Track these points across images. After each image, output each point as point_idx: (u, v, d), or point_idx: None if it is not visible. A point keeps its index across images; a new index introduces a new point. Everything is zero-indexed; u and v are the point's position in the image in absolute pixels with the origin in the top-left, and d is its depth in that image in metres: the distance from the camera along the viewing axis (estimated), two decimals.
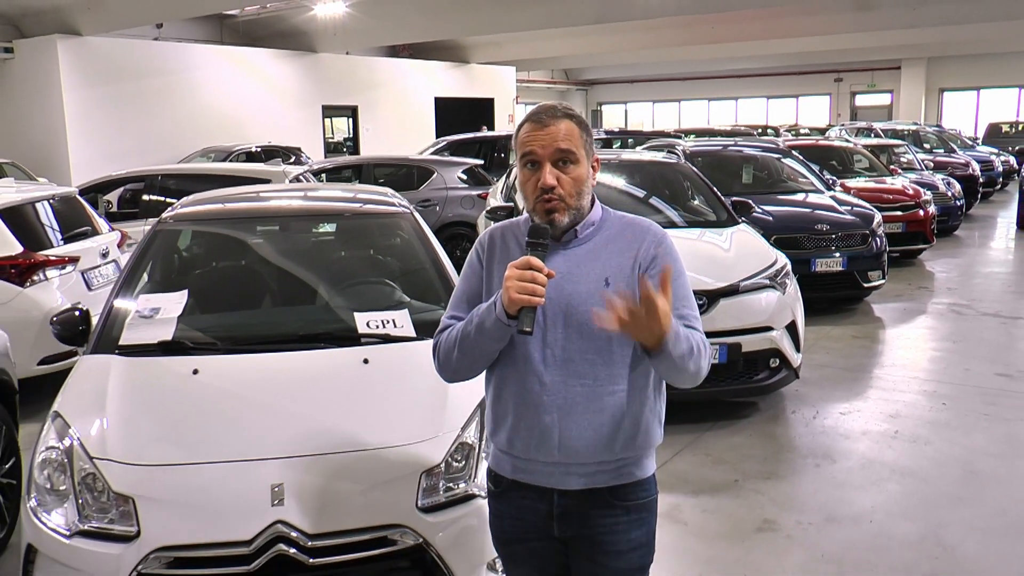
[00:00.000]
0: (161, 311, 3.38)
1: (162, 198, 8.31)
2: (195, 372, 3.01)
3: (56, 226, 6.33)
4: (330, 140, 21.74)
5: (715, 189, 6.70)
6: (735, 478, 4.46)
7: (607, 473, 1.98)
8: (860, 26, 20.93)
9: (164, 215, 4.01)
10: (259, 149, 16.37)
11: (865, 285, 7.90)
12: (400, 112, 23.02)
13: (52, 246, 6.05)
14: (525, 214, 2.03)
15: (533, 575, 2.10)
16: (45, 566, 2.57)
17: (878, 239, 7.96)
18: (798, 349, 5.37)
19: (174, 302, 3.42)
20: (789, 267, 5.52)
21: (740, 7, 17.64)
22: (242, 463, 2.60)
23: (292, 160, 15.17)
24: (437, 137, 23.19)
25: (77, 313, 3.72)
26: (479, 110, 25.44)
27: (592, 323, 1.88)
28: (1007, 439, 4.98)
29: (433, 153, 12.81)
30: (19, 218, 5.92)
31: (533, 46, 24.56)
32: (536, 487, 2.00)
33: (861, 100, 32.20)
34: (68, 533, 2.53)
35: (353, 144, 22.13)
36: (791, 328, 5.28)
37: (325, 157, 19.64)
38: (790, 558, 3.67)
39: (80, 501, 2.57)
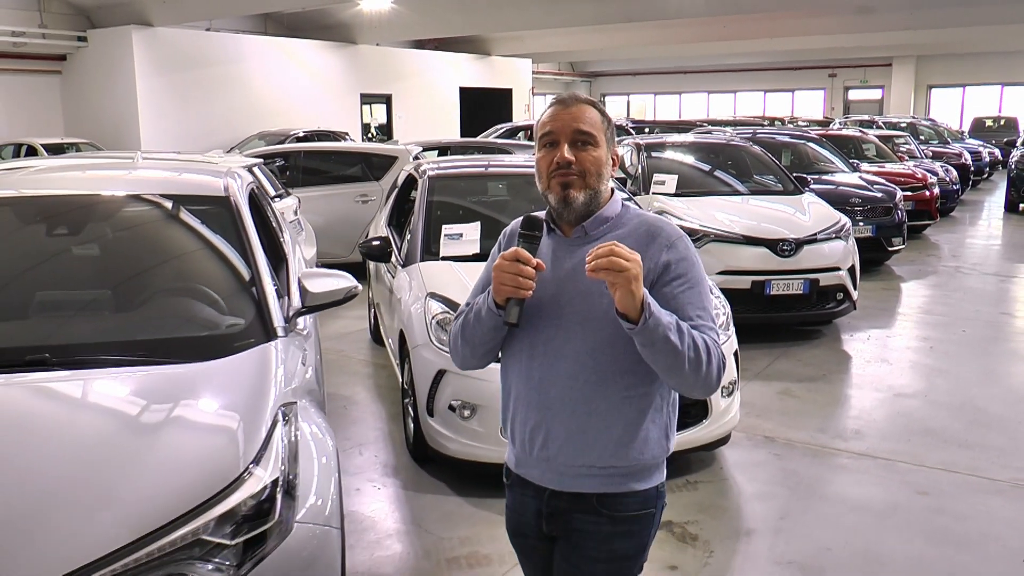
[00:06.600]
0: (464, 234, 4.99)
1: (300, 174, 9.84)
2: None
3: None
4: (366, 126, 23.21)
5: (782, 165, 8.37)
6: (822, 373, 6.15)
7: (596, 479, 1.94)
8: (858, 27, 22.58)
9: (425, 172, 5.60)
10: (307, 133, 17.82)
11: (889, 249, 9.61)
12: (429, 101, 24.50)
13: None
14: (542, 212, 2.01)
15: (535, 570, 2.14)
16: (451, 381, 4.14)
17: (899, 212, 9.67)
18: (855, 287, 7.05)
19: (472, 228, 5.02)
20: (850, 225, 7.21)
21: (755, 10, 19.24)
22: None
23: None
24: (462, 124, 24.92)
25: (376, 242, 5.37)
26: (499, 100, 27.00)
27: (589, 323, 1.88)
28: (1011, 352, 6.75)
29: (497, 137, 14.38)
30: None
31: (549, 40, 25.91)
32: (533, 484, 2.02)
33: (854, 95, 34.12)
34: None
35: (386, 130, 23.60)
36: (852, 270, 6.96)
37: (362, 142, 21.12)
38: (876, 413, 5.36)
39: None
